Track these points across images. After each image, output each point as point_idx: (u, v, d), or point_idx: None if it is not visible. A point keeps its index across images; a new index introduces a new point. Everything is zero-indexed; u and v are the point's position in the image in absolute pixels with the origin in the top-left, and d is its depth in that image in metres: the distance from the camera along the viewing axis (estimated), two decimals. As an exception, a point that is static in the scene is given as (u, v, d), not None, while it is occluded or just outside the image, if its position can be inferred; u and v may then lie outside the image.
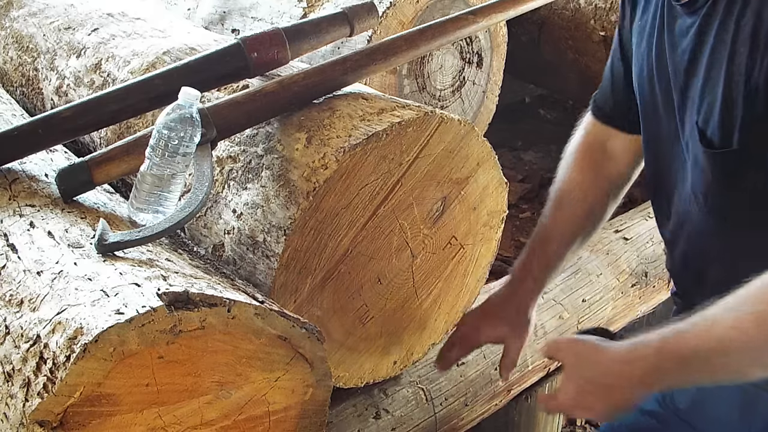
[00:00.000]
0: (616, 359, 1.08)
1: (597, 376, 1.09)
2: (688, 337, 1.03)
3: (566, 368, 1.13)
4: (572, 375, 1.12)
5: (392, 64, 1.41)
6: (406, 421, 1.54)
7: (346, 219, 1.24)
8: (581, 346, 1.13)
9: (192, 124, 1.14)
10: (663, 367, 1.04)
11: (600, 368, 1.09)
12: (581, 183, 1.41)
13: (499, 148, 1.43)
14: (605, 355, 1.10)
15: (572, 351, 1.13)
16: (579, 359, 1.11)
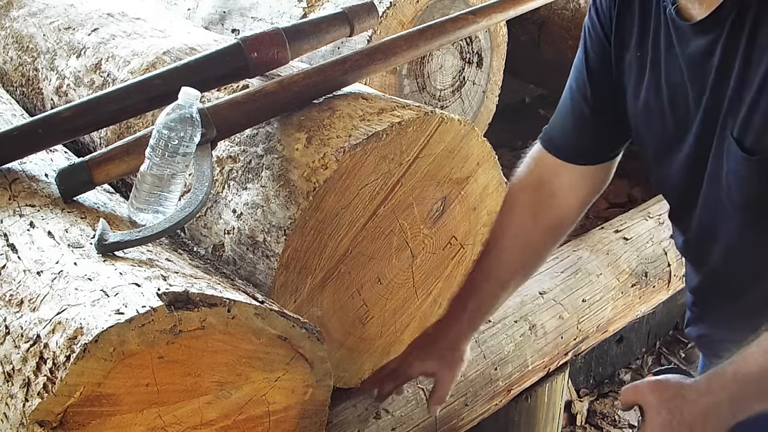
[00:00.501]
0: (699, 394, 1.08)
1: (684, 413, 1.09)
2: (758, 355, 1.04)
3: (649, 410, 1.12)
4: (657, 416, 1.11)
5: (392, 64, 1.41)
6: (406, 421, 1.54)
7: (346, 219, 1.24)
8: (662, 386, 1.12)
9: (192, 124, 1.14)
10: (745, 391, 1.05)
11: (685, 406, 1.09)
12: (522, 225, 1.36)
13: (499, 148, 1.43)
14: (687, 392, 1.09)
15: (654, 392, 1.12)
16: (662, 400, 1.10)
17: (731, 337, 1.13)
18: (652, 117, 1.23)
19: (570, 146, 1.33)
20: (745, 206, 1.14)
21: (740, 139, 1.07)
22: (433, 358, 1.39)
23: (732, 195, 1.14)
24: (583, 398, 2.48)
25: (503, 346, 1.73)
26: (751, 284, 1.22)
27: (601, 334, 2.02)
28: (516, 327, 1.77)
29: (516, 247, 1.36)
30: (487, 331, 1.73)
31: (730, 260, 1.22)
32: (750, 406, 1.06)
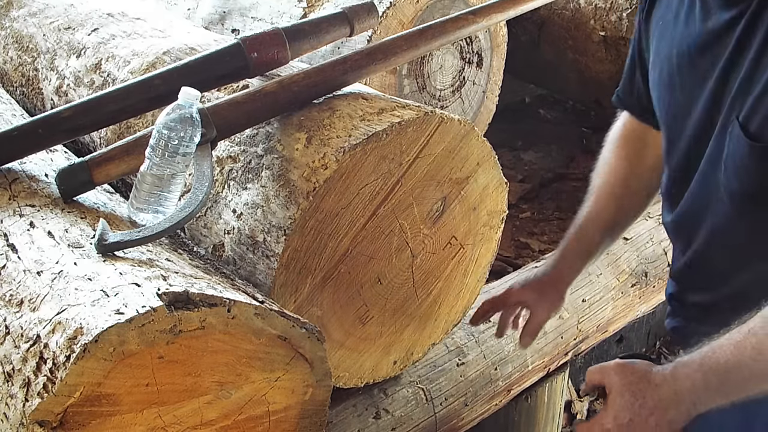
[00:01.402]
0: (664, 380, 1.09)
1: (646, 397, 1.09)
2: (726, 348, 1.04)
3: (613, 391, 1.12)
4: (620, 398, 1.11)
5: (392, 64, 1.41)
6: (406, 421, 1.54)
7: (346, 219, 1.24)
8: (629, 369, 1.13)
9: (192, 124, 1.14)
10: (708, 382, 1.05)
11: (648, 390, 1.09)
12: (622, 170, 1.42)
13: (499, 148, 1.43)
14: (653, 377, 1.10)
15: (619, 374, 1.13)
16: (627, 382, 1.11)
17: (705, 330, 1.13)
18: (664, 87, 1.24)
19: (637, 109, 1.42)
20: (740, 193, 1.13)
21: (745, 124, 1.07)
22: (533, 291, 1.43)
23: (729, 180, 1.13)
24: (583, 398, 2.48)
25: (503, 346, 1.73)
26: (732, 272, 1.22)
27: (601, 334, 2.02)
28: (516, 327, 1.77)
29: (617, 194, 1.41)
30: (487, 331, 1.73)
31: (714, 244, 1.22)
32: (712, 398, 1.06)
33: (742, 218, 1.16)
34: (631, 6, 2.55)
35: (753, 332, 1.03)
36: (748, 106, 1.06)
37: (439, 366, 1.63)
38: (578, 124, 3.26)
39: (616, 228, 1.44)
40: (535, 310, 1.45)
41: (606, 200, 1.42)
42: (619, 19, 2.57)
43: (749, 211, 1.14)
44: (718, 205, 1.17)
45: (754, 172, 1.09)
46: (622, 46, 2.58)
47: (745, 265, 1.20)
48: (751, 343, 1.02)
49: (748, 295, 1.08)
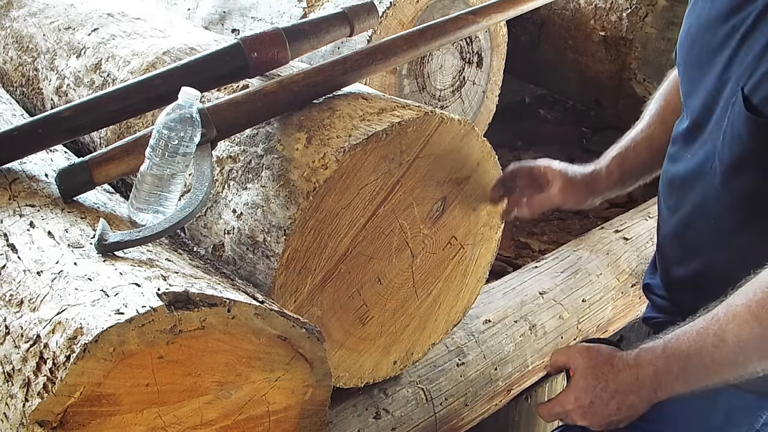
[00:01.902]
0: (627, 365, 1.09)
1: (609, 381, 1.10)
2: (689, 335, 1.05)
3: (577, 373, 1.13)
4: (583, 380, 1.12)
5: (392, 64, 1.41)
6: (406, 421, 1.54)
7: (346, 219, 1.24)
8: (593, 352, 1.14)
9: (192, 124, 1.14)
10: (670, 368, 1.05)
11: (611, 374, 1.10)
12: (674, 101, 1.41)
13: (499, 148, 1.43)
14: (616, 362, 1.10)
15: (584, 356, 1.14)
16: (591, 365, 1.12)
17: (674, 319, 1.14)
18: (688, 47, 1.24)
19: None
20: (729, 163, 1.14)
21: (748, 96, 1.07)
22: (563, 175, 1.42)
23: (723, 148, 1.14)
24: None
25: (503, 346, 1.73)
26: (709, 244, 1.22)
27: (601, 334, 2.02)
28: (516, 327, 1.77)
29: (667, 121, 1.39)
30: (487, 331, 1.73)
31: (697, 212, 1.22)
32: (673, 385, 1.07)
33: (726, 189, 1.16)
34: (631, 6, 2.55)
35: (716, 319, 1.03)
36: (755, 79, 1.07)
37: (439, 366, 1.63)
38: (578, 124, 3.26)
39: (661, 153, 1.42)
40: (554, 190, 1.42)
41: (659, 124, 1.42)
42: (619, 19, 2.57)
43: (734, 183, 1.14)
44: (710, 177, 1.18)
45: (746, 143, 1.09)
46: (622, 46, 2.58)
47: (721, 239, 1.20)
48: (713, 330, 1.02)
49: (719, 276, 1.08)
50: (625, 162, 1.44)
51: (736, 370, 1.03)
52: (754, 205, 1.13)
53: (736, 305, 1.02)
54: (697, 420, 1.22)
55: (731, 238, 1.18)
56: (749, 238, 1.16)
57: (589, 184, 1.44)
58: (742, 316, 1.00)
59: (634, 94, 2.62)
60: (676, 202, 1.29)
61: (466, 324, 1.70)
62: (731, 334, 1.01)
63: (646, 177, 1.47)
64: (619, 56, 2.60)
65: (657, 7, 2.51)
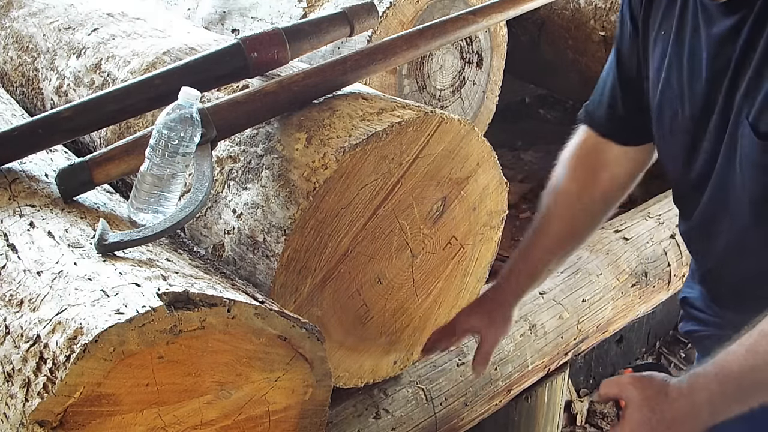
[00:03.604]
0: (681, 393, 1.08)
1: (665, 412, 1.08)
2: (739, 354, 1.04)
3: (630, 406, 1.12)
4: (637, 413, 1.10)
5: (392, 64, 1.41)
6: (406, 421, 1.54)
7: (346, 219, 1.24)
8: (646, 383, 1.12)
9: (192, 124, 1.14)
10: (725, 391, 1.05)
11: (666, 404, 1.09)
12: (572, 193, 1.39)
13: (499, 148, 1.43)
14: (670, 391, 1.09)
15: (637, 388, 1.12)
16: (645, 397, 1.10)
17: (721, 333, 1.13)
18: (672, 96, 1.23)
19: (606, 124, 1.37)
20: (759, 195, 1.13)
21: (755, 125, 1.07)
22: (480, 316, 1.42)
23: (745, 182, 1.13)
24: (583, 398, 2.48)
25: (503, 346, 1.73)
26: (747, 278, 1.22)
27: (601, 334, 2.02)
28: (516, 327, 1.77)
29: (565, 216, 1.39)
30: (487, 331, 1.73)
31: (731, 250, 1.22)
32: (729, 406, 1.06)
33: (756, 222, 1.15)
34: (631, 6, 2.55)
35: (764, 334, 1.02)
36: (757, 106, 1.06)
37: (439, 366, 1.63)
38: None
39: (563, 250, 1.42)
40: (484, 335, 1.42)
41: (555, 222, 1.40)
42: (619, 19, 2.57)
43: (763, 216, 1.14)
44: (737, 209, 1.17)
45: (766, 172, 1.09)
46: (622, 46, 2.58)
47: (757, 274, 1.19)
48: (763, 345, 1.02)
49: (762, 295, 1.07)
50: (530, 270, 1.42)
51: None
52: None
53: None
54: None
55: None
56: None
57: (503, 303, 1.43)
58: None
59: (634, 94, 2.62)
60: (705, 251, 1.28)
61: (466, 324, 1.70)
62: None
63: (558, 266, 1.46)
64: (619, 56, 2.60)
65: (657, 7, 2.51)
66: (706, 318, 1.36)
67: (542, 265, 1.42)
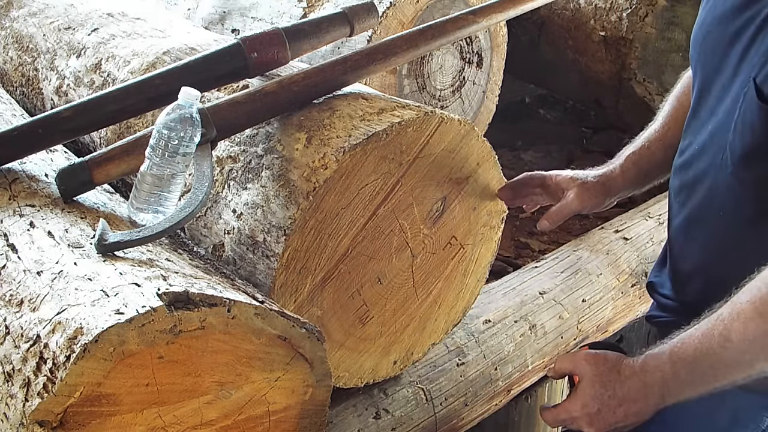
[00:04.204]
0: (634, 372, 1.09)
1: (616, 389, 1.10)
2: (694, 337, 1.05)
3: (583, 380, 1.13)
4: (590, 388, 1.12)
5: (392, 64, 1.41)
6: (406, 421, 1.54)
7: (346, 219, 1.24)
8: (599, 360, 1.14)
9: (192, 124, 1.14)
10: (677, 373, 1.05)
11: (618, 382, 1.10)
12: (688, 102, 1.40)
13: (499, 148, 1.43)
14: (623, 369, 1.11)
15: (591, 364, 1.14)
16: (598, 372, 1.12)
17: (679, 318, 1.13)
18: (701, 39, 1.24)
19: None
20: (741, 153, 1.13)
21: (761, 86, 1.07)
22: (574, 181, 1.42)
23: (734, 138, 1.13)
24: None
25: (503, 346, 1.73)
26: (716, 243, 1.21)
27: (601, 334, 2.02)
28: (516, 327, 1.77)
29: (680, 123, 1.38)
30: (487, 331, 1.73)
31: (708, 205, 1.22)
32: (681, 389, 1.07)
33: (737, 180, 1.16)
34: (631, 6, 2.55)
35: (721, 319, 1.02)
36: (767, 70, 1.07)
37: (439, 366, 1.63)
38: (578, 124, 3.26)
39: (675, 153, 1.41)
40: (570, 197, 1.42)
41: (673, 124, 1.42)
42: (619, 19, 2.57)
43: (745, 174, 1.14)
44: (721, 164, 1.17)
45: (758, 133, 1.09)
46: (622, 46, 2.58)
47: (730, 234, 1.19)
48: (719, 330, 1.02)
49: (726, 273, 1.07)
50: (640, 160, 1.44)
51: (744, 370, 1.03)
52: (764, 197, 1.13)
53: (741, 303, 1.01)
54: (702, 421, 1.22)
55: (740, 232, 1.18)
56: (758, 234, 1.15)
57: (604, 184, 1.44)
58: (747, 314, 1.00)
59: (634, 94, 2.62)
60: (687, 195, 1.28)
61: (466, 324, 1.70)
62: (736, 333, 1.00)
63: (660, 177, 1.47)
64: (619, 56, 2.60)
65: (657, 7, 2.51)
66: (669, 304, 1.36)
67: (656, 163, 1.42)
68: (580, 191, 1.42)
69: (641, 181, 1.46)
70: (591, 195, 1.43)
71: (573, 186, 1.42)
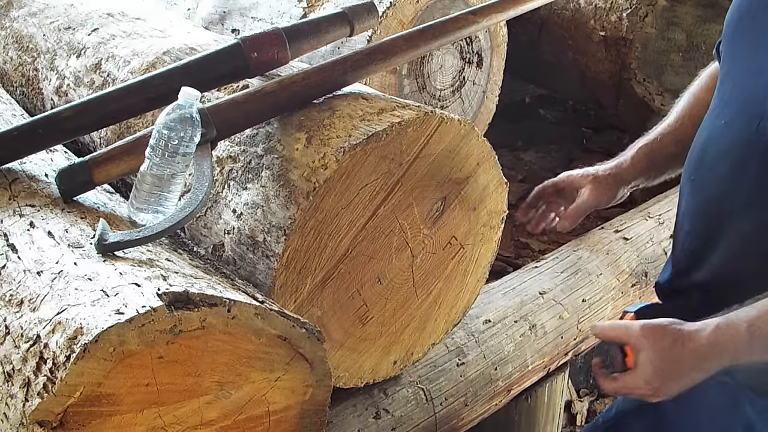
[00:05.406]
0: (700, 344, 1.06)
1: (680, 363, 1.07)
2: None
3: (643, 356, 1.10)
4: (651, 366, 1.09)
5: (392, 64, 1.41)
6: (406, 421, 1.54)
7: (346, 219, 1.24)
8: (658, 334, 1.10)
9: (192, 124, 1.14)
10: (753, 347, 1.04)
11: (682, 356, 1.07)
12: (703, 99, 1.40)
13: (499, 148, 1.43)
14: (686, 342, 1.07)
15: (648, 339, 1.10)
16: (659, 349, 1.08)
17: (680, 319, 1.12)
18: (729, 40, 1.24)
19: None
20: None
21: None
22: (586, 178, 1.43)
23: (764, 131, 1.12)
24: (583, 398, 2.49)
25: (503, 346, 1.73)
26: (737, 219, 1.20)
27: (601, 334, 2.02)
28: (516, 327, 1.77)
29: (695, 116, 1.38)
30: (487, 331, 1.73)
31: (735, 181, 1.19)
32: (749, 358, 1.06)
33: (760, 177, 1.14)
34: (631, 6, 2.55)
35: None
36: None
37: (439, 366, 1.63)
38: (578, 124, 3.26)
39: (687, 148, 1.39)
40: (585, 194, 1.42)
41: (687, 119, 1.42)
42: (619, 19, 2.57)
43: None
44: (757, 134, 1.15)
45: None
46: (622, 46, 2.58)
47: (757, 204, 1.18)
48: None
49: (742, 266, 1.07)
50: (652, 152, 1.45)
51: None
52: None
53: None
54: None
55: None
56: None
57: (616, 176, 1.45)
58: None
59: (634, 94, 2.62)
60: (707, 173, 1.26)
61: (466, 324, 1.70)
62: None
63: (672, 170, 1.47)
64: (619, 56, 2.60)
65: (657, 7, 2.52)
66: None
67: (667, 156, 1.43)
68: (593, 186, 1.42)
69: (653, 173, 1.46)
70: (605, 188, 1.43)
71: (586, 183, 1.43)
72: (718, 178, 1.22)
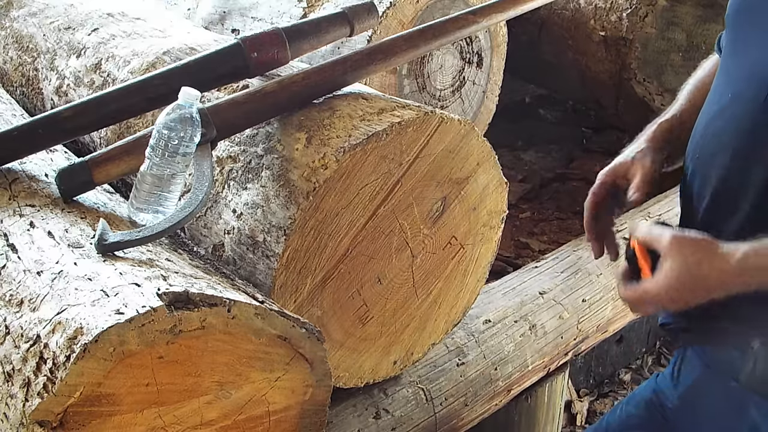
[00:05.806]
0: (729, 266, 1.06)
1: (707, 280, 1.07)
2: None
3: (670, 264, 1.09)
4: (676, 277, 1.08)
5: (392, 64, 1.41)
6: (406, 421, 1.54)
7: (346, 219, 1.24)
8: (691, 247, 1.09)
9: (192, 124, 1.14)
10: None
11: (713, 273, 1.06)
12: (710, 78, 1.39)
13: (499, 148, 1.43)
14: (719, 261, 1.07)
15: (680, 250, 1.09)
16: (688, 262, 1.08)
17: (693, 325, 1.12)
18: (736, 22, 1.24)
19: None
20: None
21: None
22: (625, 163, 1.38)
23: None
24: (583, 398, 2.49)
25: (503, 346, 1.73)
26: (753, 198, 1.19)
27: (601, 334, 2.02)
28: (516, 327, 1.77)
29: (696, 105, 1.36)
30: (487, 331, 1.73)
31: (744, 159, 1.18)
32: None
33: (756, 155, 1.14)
34: (631, 6, 2.55)
35: None
36: None
37: (439, 366, 1.63)
38: (578, 124, 3.26)
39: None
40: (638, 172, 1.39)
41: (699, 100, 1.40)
42: (619, 19, 2.57)
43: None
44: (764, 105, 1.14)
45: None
46: (622, 46, 2.58)
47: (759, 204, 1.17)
48: None
49: None
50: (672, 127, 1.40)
51: None
52: None
53: None
54: None
55: None
56: None
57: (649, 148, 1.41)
58: None
59: (634, 94, 2.62)
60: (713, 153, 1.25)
61: (466, 324, 1.70)
62: None
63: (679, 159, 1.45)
64: (619, 56, 2.60)
65: (657, 7, 2.51)
66: None
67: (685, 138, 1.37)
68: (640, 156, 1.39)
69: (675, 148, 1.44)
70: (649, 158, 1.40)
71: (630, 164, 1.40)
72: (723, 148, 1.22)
